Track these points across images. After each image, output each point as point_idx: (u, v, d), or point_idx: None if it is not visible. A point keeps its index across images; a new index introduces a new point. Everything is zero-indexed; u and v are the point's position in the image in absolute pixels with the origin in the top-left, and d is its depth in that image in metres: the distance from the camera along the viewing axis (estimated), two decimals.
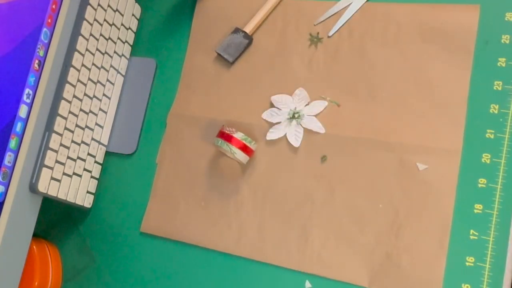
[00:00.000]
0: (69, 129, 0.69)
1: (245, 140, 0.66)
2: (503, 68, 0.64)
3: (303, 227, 0.67)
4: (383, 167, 0.65)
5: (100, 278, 0.75)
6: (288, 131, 0.69)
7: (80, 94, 0.71)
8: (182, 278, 0.71)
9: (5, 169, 0.62)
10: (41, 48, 0.66)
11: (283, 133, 0.70)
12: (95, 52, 0.73)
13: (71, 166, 0.71)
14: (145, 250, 0.73)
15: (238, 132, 0.67)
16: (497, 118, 0.63)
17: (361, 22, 0.71)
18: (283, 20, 0.75)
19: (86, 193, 0.75)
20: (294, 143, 0.69)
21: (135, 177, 0.77)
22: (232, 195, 0.71)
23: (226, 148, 0.66)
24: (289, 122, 0.69)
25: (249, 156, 0.68)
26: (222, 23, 0.78)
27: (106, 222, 0.76)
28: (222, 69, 0.76)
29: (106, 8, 0.74)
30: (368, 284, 0.63)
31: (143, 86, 0.80)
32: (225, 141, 0.66)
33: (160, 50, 0.81)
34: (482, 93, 0.64)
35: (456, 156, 0.63)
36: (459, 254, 0.61)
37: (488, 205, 0.61)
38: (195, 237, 0.71)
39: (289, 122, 0.69)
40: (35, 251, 0.73)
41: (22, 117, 0.64)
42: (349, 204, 0.66)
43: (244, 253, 0.68)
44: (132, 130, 0.78)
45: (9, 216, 0.62)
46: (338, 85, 0.70)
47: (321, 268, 0.65)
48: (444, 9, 0.67)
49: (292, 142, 0.69)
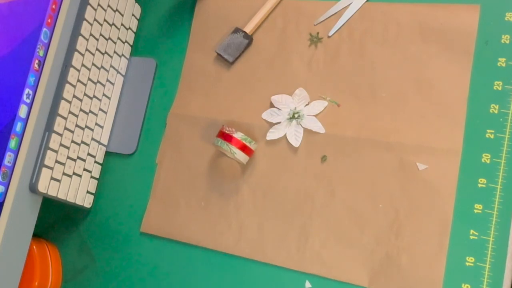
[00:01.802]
0: (69, 129, 0.69)
1: (245, 140, 0.66)
2: (503, 68, 0.64)
3: (303, 227, 0.67)
4: (383, 167, 0.65)
5: (100, 278, 0.75)
6: (288, 131, 0.69)
7: (80, 94, 0.71)
8: (182, 278, 0.71)
9: (5, 169, 0.62)
10: (41, 48, 0.66)
11: (283, 133, 0.70)
12: (95, 52, 0.73)
13: (71, 166, 0.71)
14: (145, 250, 0.73)
15: (238, 132, 0.67)
16: (497, 118, 0.63)
17: (361, 22, 0.71)
18: (283, 20, 0.75)
19: (86, 193, 0.75)
20: (294, 143, 0.69)
21: (135, 177, 0.77)
22: (232, 195, 0.71)
23: (226, 148, 0.66)
24: (289, 122, 0.69)
25: (249, 156, 0.68)
26: (222, 23, 0.78)
27: (106, 222, 0.76)
28: (222, 69, 0.76)
29: (106, 8, 0.74)
30: (368, 284, 0.63)
31: (143, 86, 0.80)
32: (225, 141, 0.66)
33: (160, 50, 0.81)
34: (482, 93, 0.64)
35: (456, 156, 0.63)
36: (459, 254, 0.61)
37: (488, 205, 0.61)
38: (195, 237, 0.71)
39: (289, 122, 0.69)
40: (35, 251, 0.73)
41: (22, 117, 0.64)
42: (349, 204, 0.66)
43: (244, 253, 0.69)
44: (132, 130, 0.78)
45: (9, 216, 0.62)
46: (338, 85, 0.70)
47: (321, 268, 0.65)
48: (444, 9, 0.67)
49: (292, 142, 0.69)
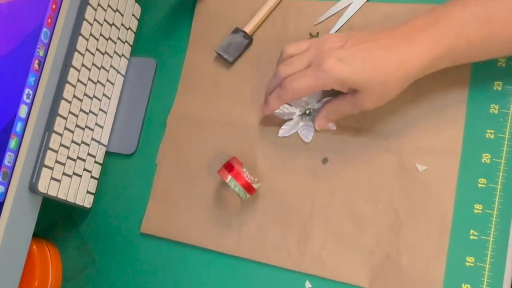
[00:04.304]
0: (69, 129, 0.69)
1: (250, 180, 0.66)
2: (503, 68, 0.64)
3: (303, 227, 0.67)
4: (383, 168, 0.65)
5: (100, 278, 0.75)
6: (300, 127, 0.69)
7: (80, 94, 0.71)
8: (182, 278, 0.71)
9: (5, 169, 0.62)
10: (41, 48, 0.66)
11: (295, 129, 0.69)
12: (95, 52, 0.73)
13: (71, 166, 0.71)
14: (145, 250, 0.73)
15: (245, 169, 0.66)
16: (497, 118, 0.63)
17: (361, 22, 0.71)
18: (283, 20, 0.75)
19: (86, 193, 0.75)
20: (306, 138, 0.69)
21: (135, 177, 0.77)
22: (232, 195, 0.71)
23: (232, 184, 0.66)
24: (301, 118, 0.69)
25: (250, 193, 0.67)
26: (222, 23, 0.78)
27: (106, 222, 0.76)
28: (222, 69, 0.76)
29: (106, 8, 0.74)
30: (368, 284, 0.63)
31: (143, 86, 0.80)
32: (234, 180, 0.66)
33: (160, 50, 0.81)
34: (482, 93, 0.64)
35: (455, 156, 0.63)
36: (459, 254, 0.61)
37: (488, 205, 0.61)
38: (195, 237, 0.71)
39: (301, 118, 0.69)
40: (35, 251, 0.73)
41: (22, 117, 0.64)
42: (349, 205, 0.66)
43: (244, 254, 0.68)
44: (132, 130, 0.78)
45: (9, 216, 0.62)
46: None
47: (321, 269, 0.65)
48: None
49: (304, 138, 0.69)
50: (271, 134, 0.71)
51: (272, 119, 0.71)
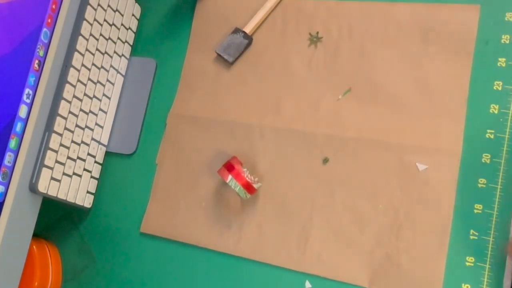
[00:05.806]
0: (69, 129, 0.69)
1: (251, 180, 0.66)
2: (503, 68, 0.64)
3: (303, 227, 0.67)
4: (383, 168, 0.65)
5: (100, 278, 0.75)
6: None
7: (80, 94, 0.71)
8: (182, 278, 0.71)
9: (5, 169, 0.62)
10: (41, 48, 0.66)
11: None
12: (95, 52, 0.73)
13: (71, 166, 0.71)
14: (145, 250, 0.73)
15: (245, 169, 0.66)
16: (497, 118, 0.63)
17: (361, 22, 0.71)
18: (283, 20, 0.75)
19: (86, 193, 0.75)
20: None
21: (135, 177, 0.77)
22: (232, 195, 0.71)
23: (232, 184, 0.66)
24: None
25: (250, 193, 0.67)
26: (222, 23, 0.78)
27: (106, 222, 0.76)
28: (222, 69, 0.76)
29: (106, 8, 0.74)
30: (368, 284, 0.63)
31: (143, 86, 0.80)
32: (235, 180, 0.66)
33: (160, 50, 0.81)
34: (482, 93, 0.64)
35: (456, 156, 0.63)
36: (459, 254, 0.61)
37: (488, 205, 0.61)
38: (195, 237, 0.71)
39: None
40: (35, 251, 0.73)
41: (22, 117, 0.64)
42: (349, 205, 0.66)
43: (244, 253, 0.68)
44: (132, 130, 0.78)
45: (9, 216, 0.62)
46: (338, 85, 0.70)
47: (321, 269, 0.65)
48: (444, 9, 0.67)
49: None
50: (271, 134, 0.71)
51: (273, 119, 0.71)
